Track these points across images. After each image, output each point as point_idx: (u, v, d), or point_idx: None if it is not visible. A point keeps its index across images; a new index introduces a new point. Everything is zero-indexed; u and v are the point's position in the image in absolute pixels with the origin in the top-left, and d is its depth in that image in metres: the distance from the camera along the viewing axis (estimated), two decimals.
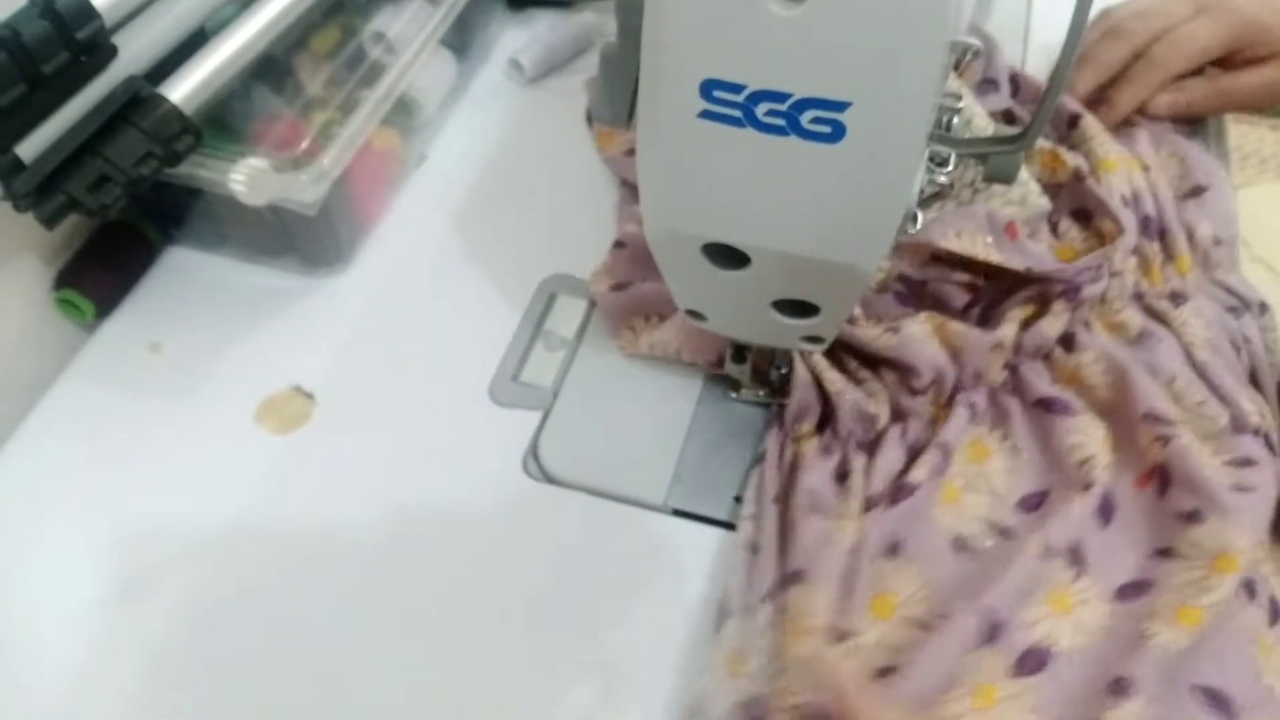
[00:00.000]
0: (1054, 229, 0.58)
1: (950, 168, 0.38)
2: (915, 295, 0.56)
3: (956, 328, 0.52)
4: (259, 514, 0.53)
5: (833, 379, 0.52)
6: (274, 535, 0.52)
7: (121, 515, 0.53)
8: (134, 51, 0.50)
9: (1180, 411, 0.50)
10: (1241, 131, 1.53)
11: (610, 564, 0.50)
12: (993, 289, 0.56)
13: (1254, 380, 0.54)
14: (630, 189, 0.66)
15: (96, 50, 0.48)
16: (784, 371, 0.53)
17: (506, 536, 0.52)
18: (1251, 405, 0.51)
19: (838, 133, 0.32)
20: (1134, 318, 0.54)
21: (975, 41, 0.35)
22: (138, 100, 0.50)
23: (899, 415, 0.53)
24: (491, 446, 0.55)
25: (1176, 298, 0.54)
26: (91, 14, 0.46)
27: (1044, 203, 0.57)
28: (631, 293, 0.57)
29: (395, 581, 0.50)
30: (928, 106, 0.33)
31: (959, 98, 0.39)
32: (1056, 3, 0.68)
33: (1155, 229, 0.57)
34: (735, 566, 0.48)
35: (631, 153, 0.66)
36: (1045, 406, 0.52)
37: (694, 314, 0.46)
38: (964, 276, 0.55)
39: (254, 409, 0.57)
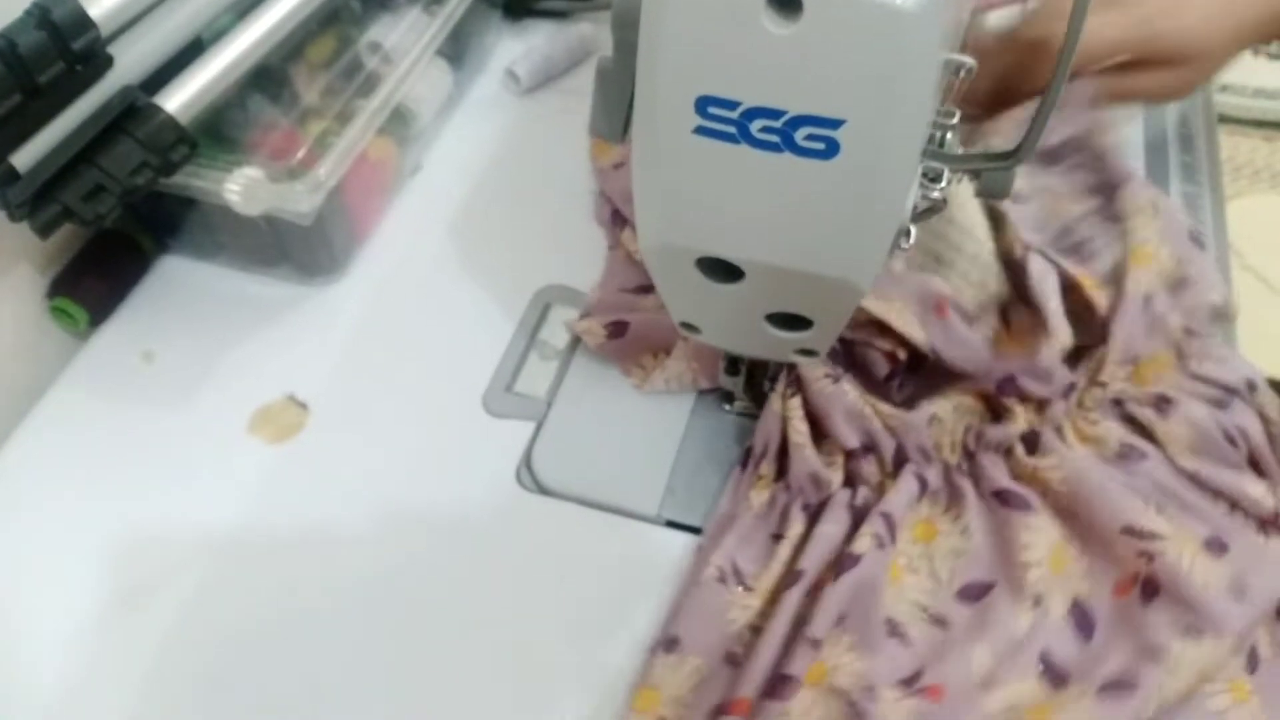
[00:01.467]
0: (1004, 315, 0.54)
1: (944, 184, 0.38)
2: (845, 353, 0.53)
3: (884, 408, 0.51)
4: (253, 523, 0.53)
5: (798, 429, 0.51)
6: (268, 545, 0.52)
7: (115, 524, 0.53)
8: (130, 61, 0.50)
9: (1167, 525, 0.48)
10: (1234, 143, 1.54)
11: (603, 575, 0.50)
12: (923, 367, 0.53)
13: (1257, 467, 0.51)
14: (605, 199, 0.66)
15: (92, 60, 0.48)
16: (772, 387, 0.53)
17: (499, 546, 0.52)
18: (1258, 490, 0.49)
19: (832, 149, 0.32)
20: (1112, 431, 0.51)
21: (969, 60, 0.35)
22: (133, 110, 0.50)
23: (850, 479, 0.51)
24: (485, 457, 0.55)
25: (1162, 404, 0.51)
26: (88, 24, 0.47)
27: (1004, 291, 0.54)
28: (629, 338, 0.57)
29: (389, 591, 0.50)
30: (922, 124, 0.33)
31: (952, 114, 0.40)
32: None
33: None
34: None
35: (619, 166, 0.67)
36: (1001, 499, 0.50)
37: (688, 326, 0.46)
38: (886, 345, 0.52)
39: (248, 418, 0.56)
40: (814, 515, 0.50)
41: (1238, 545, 0.47)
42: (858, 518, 0.50)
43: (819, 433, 0.52)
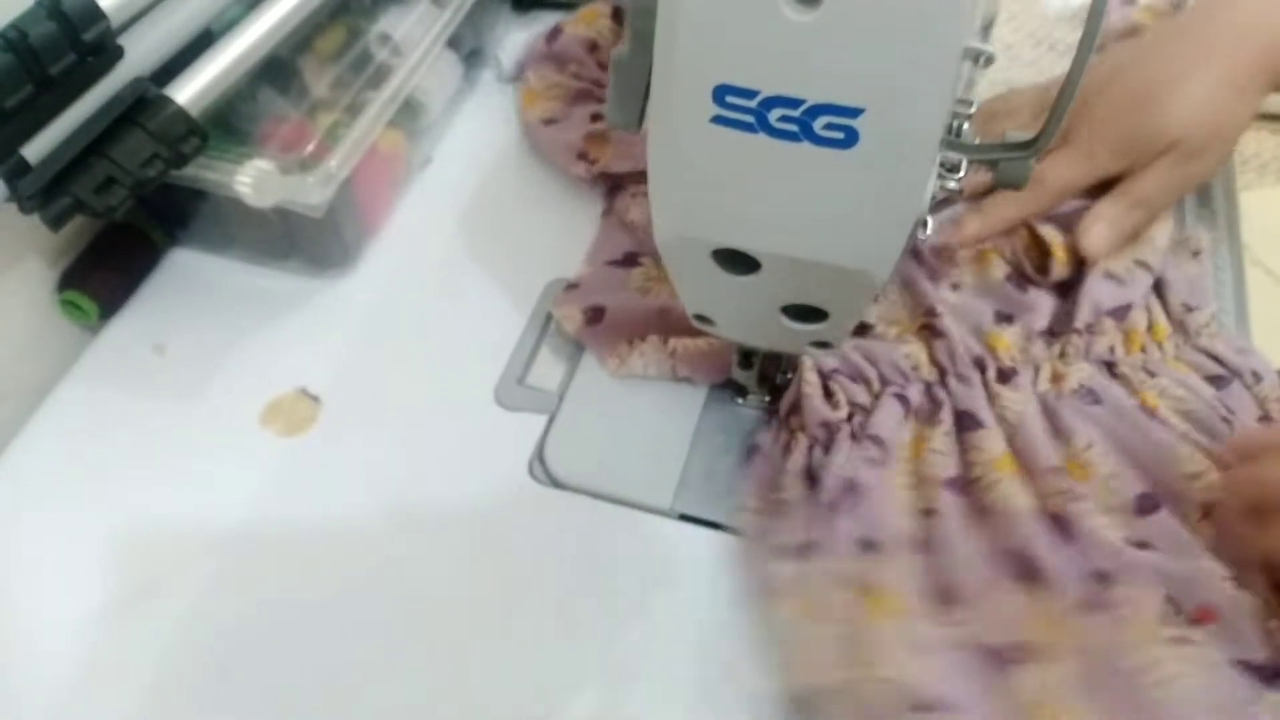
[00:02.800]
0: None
1: (961, 174, 0.38)
2: None
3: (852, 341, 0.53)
4: (264, 517, 0.53)
5: (810, 380, 0.52)
6: (279, 538, 0.52)
7: (126, 518, 0.53)
8: (140, 53, 0.50)
9: (1082, 475, 0.49)
10: (1244, 136, 1.53)
11: (616, 568, 0.50)
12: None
13: None
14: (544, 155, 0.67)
15: (103, 52, 0.48)
16: (790, 377, 0.53)
17: (512, 540, 0.51)
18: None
19: (850, 139, 0.32)
20: (1081, 372, 0.52)
21: (989, 48, 0.35)
22: (144, 102, 0.49)
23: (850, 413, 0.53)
24: (497, 450, 0.54)
25: (1156, 368, 0.52)
26: (98, 15, 0.46)
27: None
28: (606, 324, 0.57)
29: (401, 584, 0.50)
30: (942, 113, 0.33)
31: (970, 104, 0.39)
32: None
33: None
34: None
35: (549, 122, 0.68)
36: (961, 421, 0.51)
37: (702, 318, 0.45)
38: None
39: (259, 411, 0.56)
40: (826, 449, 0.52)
41: (1164, 514, 0.47)
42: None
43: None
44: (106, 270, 0.62)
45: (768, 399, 0.55)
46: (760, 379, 0.54)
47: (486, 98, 0.74)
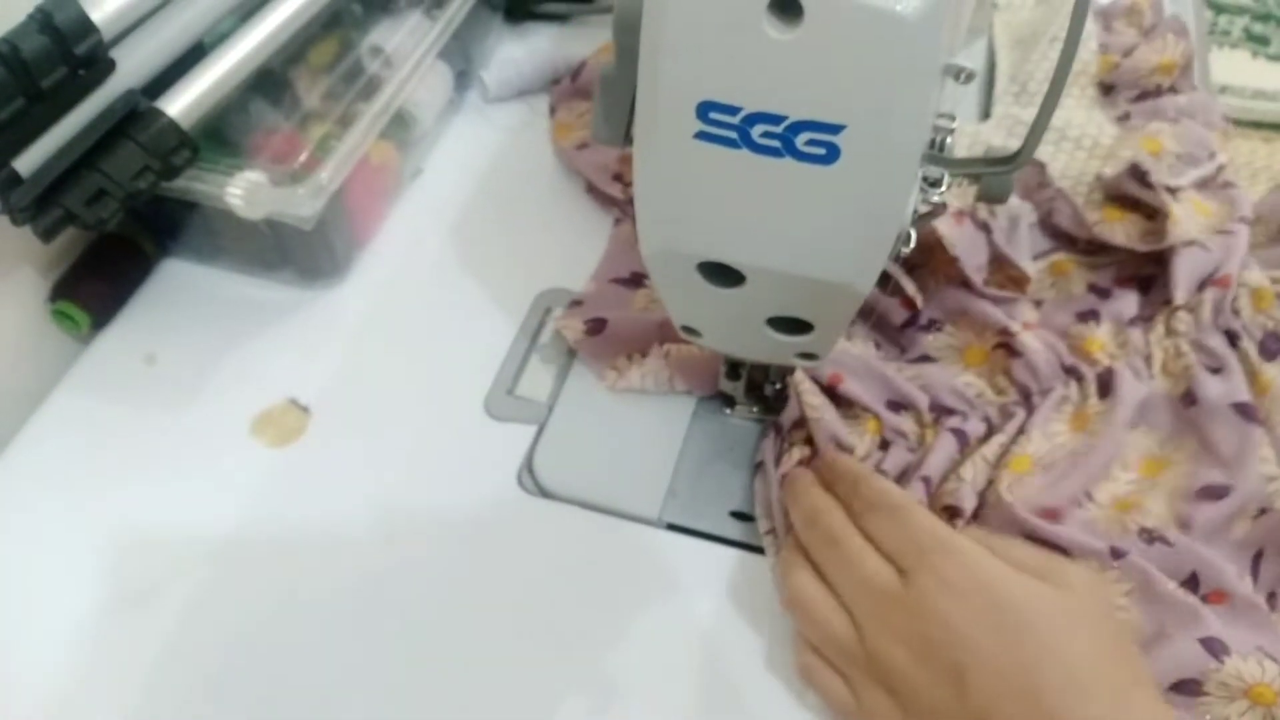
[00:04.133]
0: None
1: (944, 188, 0.38)
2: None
3: (907, 369, 0.52)
4: (254, 527, 0.53)
5: (813, 404, 0.51)
6: (269, 548, 0.52)
7: (117, 528, 0.53)
8: (132, 66, 0.50)
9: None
10: (1233, 145, 1.54)
11: (604, 579, 0.50)
12: (942, 307, 0.56)
13: None
14: (586, 182, 0.67)
15: (95, 65, 0.48)
16: (779, 388, 0.53)
17: (501, 550, 0.52)
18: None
19: (832, 154, 0.32)
20: (1191, 368, 0.52)
21: (969, 65, 0.35)
22: (135, 114, 0.50)
23: (885, 441, 0.52)
24: (486, 460, 0.55)
25: (1272, 342, 0.52)
26: (90, 29, 0.47)
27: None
28: (606, 336, 0.57)
29: (390, 594, 0.50)
30: (922, 128, 0.33)
31: (953, 118, 0.40)
32: None
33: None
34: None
35: (583, 146, 0.67)
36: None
37: (689, 330, 0.46)
38: (908, 288, 0.54)
39: (249, 422, 0.57)
40: None
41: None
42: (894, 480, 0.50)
43: (840, 402, 0.53)
44: (98, 281, 0.62)
45: (755, 409, 0.55)
46: (749, 389, 0.54)
47: (478, 109, 0.74)
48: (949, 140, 0.40)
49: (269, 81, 0.58)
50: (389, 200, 0.67)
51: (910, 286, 0.54)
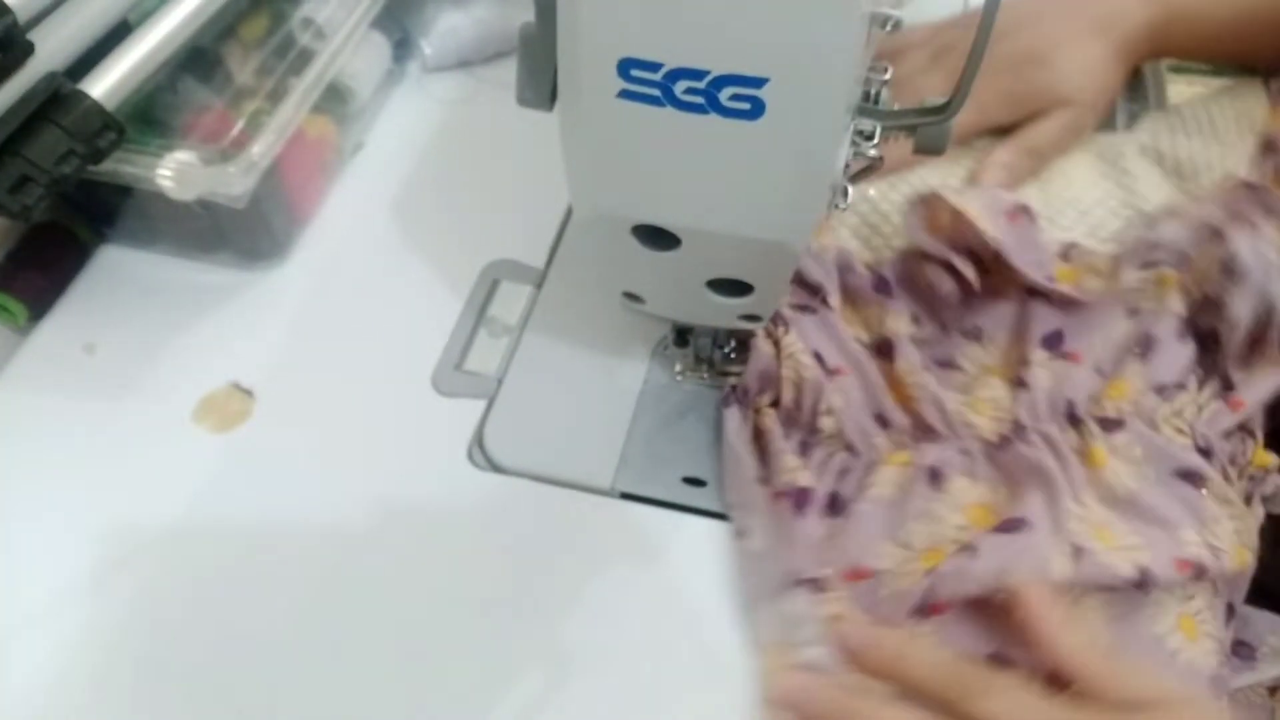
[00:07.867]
0: None
1: (876, 140, 0.38)
2: (905, 269, 0.52)
3: (914, 379, 0.49)
4: (201, 515, 0.52)
5: (804, 362, 0.49)
6: (218, 534, 0.51)
7: (61, 519, 0.52)
8: (52, 47, 0.49)
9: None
10: None
11: (559, 551, 0.50)
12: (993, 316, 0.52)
13: None
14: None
15: (11, 48, 0.47)
16: (727, 351, 0.53)
17: (453, 526, 0.51)
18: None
19: (757, 109, 0.32)
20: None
21: (896, 13, 0.34)
22: (58, 97, 0.48)
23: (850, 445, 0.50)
24: (436, 437, 0.54)
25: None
26: (3, 10, 0.45)
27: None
28: None
29: (343, 575, 0.50)
30: (848, 80, 0.33)
31: (886, 69, 0.39)
32: None
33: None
34: (738, 555, 0.48)
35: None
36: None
37: (631, 296, 0.45)
38: (958, 262, 0.50)
39: (192, 407, 0.56)
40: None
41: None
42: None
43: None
44: (34, 271, 0.61)
45: (706, 374, 0.54)
46: (697, 356, 0.53)
47: (418, 81, 0.73)
48: (883, 92, 0.39)
49: (199, 59, 0.56)
50: (329, 176, 0.66)
51: (970, 271, 0.50)
